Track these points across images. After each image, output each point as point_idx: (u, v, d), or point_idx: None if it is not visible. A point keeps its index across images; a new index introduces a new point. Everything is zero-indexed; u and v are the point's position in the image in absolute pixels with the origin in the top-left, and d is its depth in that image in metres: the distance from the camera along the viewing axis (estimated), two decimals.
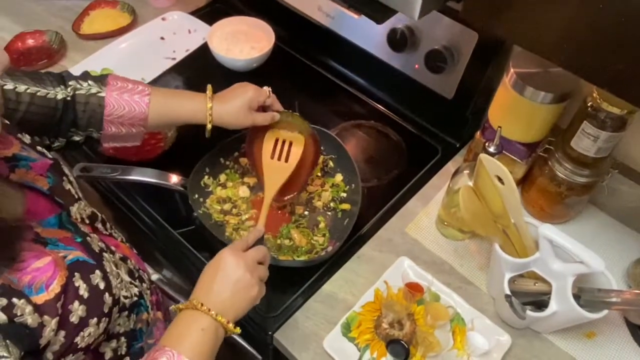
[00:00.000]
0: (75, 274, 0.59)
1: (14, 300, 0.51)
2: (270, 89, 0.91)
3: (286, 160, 0.92)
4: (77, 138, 0.82)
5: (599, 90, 0.81)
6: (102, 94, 0.79)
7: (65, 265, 0.59)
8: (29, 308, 0.52)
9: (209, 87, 0.87)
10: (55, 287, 0.56)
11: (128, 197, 1.01)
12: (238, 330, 0.70)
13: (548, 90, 0.85)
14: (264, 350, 0.89)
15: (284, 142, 0.94)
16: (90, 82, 0.80)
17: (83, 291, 0.59)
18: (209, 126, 0.86)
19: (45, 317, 0.54)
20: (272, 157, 0.93)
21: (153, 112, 0.83)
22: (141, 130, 0.84)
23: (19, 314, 0.51)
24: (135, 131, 0.84)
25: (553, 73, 0.86)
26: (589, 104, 0.82)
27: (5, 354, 0.48)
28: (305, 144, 0.95)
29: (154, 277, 0.94)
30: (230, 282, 0.69)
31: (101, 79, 0.81)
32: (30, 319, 0.52)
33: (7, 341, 0.49)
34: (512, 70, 0.87)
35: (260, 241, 0.78)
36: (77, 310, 0.58)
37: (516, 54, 0.93)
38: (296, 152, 0.93)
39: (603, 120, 0.81)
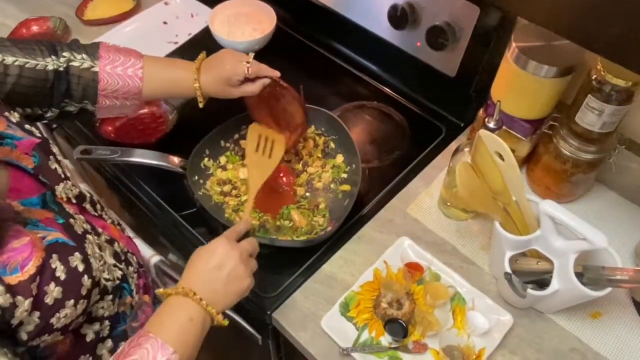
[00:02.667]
0: (53, 255, 0.59)
1: None
2: (249, 62, 0.85)
3: (269, 156, 0.93)
4: (70, 109, 0.81)
5: (603, 62, 0.78)
6: (95, 69, 0.79)
7: (43, 246, 0.58)
8: (0, 288, 0.52)
9: (202, 54, 0.88)
10: (30, 269, 0.55)
11: (131, 180, 1.01)
12: (226, 322, 0.68)
13: (551, 64, 0.82)
14: (262, 330, 0.89)
15: (266, 138, 0.95)
16: (84, 55, 0.79)
17: (60, 273, 0.59)
18: (201, 105, 0.87)
19: (19, 298, 0.54)
20: (256, 150, 0.93)
21: (147, 85, 0.83)
22: (135, 102, 0.84)
23: None
24: (129, 104, 0.84)
25: (556, 46, 0.84)
26: (593, 77, 0.79)
27: None
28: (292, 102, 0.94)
29: (155, 259, 0.94)
30: (224, 272, 0.68)
31: (93, 52, 0.80)
32: (2, 299, 0.52)
33: None
34: (513, 44, 0.85)
35: (247, 233, 0.77)
36: (53, 291, 0.58)
37: (518, 28, 0.90)
38: (278, 150, 0.93)
39: (608, 94, 0.79)
